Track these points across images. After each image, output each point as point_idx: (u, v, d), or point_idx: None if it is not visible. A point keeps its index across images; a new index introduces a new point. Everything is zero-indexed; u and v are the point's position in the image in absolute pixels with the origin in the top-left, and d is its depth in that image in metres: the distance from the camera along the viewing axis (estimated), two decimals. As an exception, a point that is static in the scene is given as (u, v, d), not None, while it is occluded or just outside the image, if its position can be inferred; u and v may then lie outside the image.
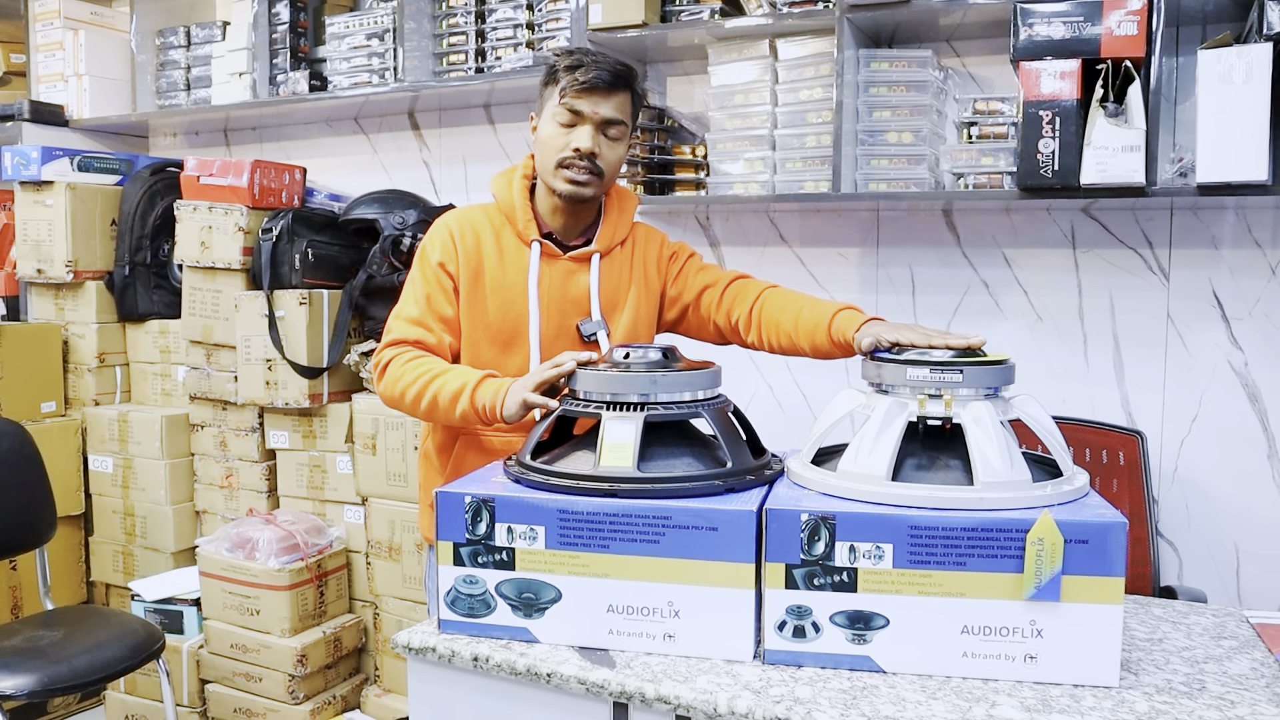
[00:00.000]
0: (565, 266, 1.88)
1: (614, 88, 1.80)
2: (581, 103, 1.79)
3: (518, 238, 1.88)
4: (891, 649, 1.31)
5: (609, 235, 1.92)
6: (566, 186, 1.82)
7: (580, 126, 1.80)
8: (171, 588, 3.07)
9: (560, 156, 1.81)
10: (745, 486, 1.44)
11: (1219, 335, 2.37)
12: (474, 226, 1.89)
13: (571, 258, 1.88)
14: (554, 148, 1.81)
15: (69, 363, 3.41)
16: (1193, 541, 2.43)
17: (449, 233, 1.88)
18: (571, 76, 1.78)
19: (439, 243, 1.88)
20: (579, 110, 1.79)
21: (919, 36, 2.56)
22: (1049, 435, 1.44)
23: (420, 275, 1.88)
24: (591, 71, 1.77)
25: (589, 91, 1.78)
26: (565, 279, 1.88)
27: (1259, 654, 1.43)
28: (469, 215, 1.91)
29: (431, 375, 1.75)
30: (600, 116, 1.80)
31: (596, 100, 1.79)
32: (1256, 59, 1.96)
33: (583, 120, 1.80)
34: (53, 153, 3.33)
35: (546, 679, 1.34)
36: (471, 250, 1.86)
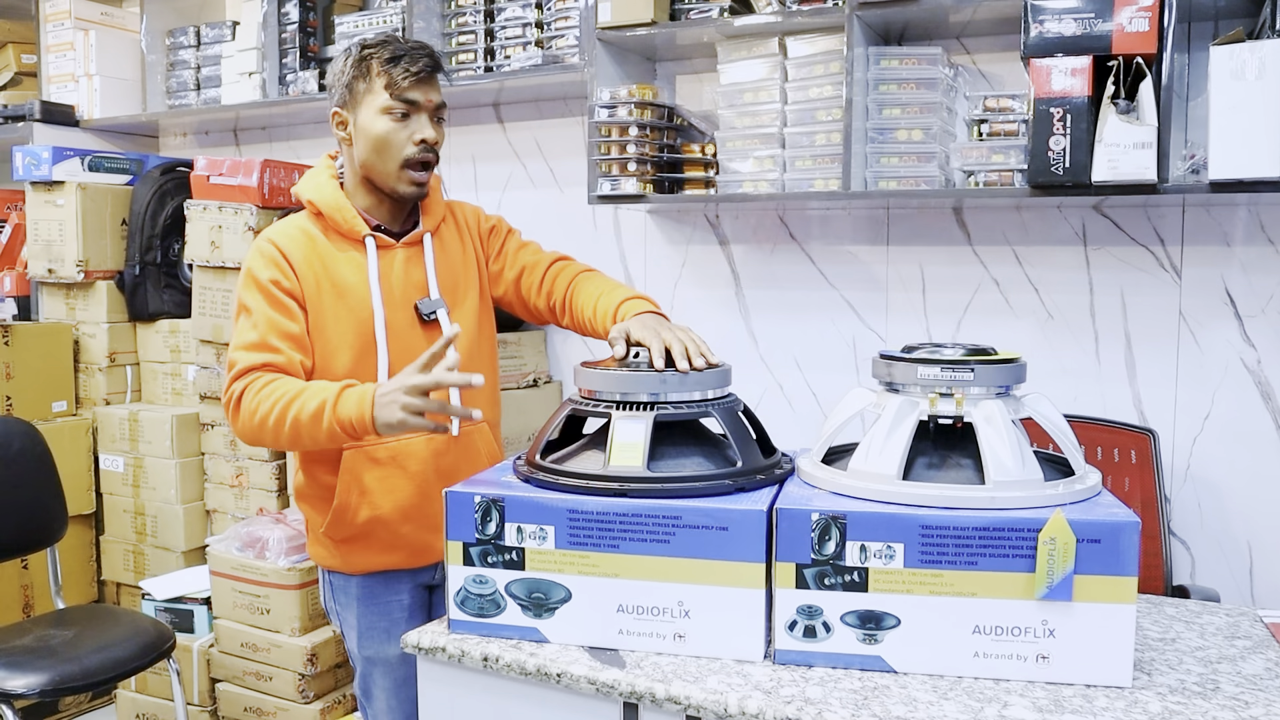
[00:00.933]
0: (401, 254, 1.85)
1: (435, 72, 1.80)
2: (415, 93, 1.76)
3: (345, 237, 1.82)
4: (903, 649, 1.31)
5: (434, 215, 1.90)
6: (410, 188, 1.79)
7: (416, 116, 1.77)
8: (182, 587, 3.07)
9: (406, 154, 1.77)
10: (755, 486, 1.43)
11: (1231, 332, 2.36)
12: (298, 238, 1.81)
13: (405, 244, 1.85)
14: (396, 144, 1.77)
15: (80, 362, 3.42)
16: (1205, 540, 2.41)
17: (275, 249, 1.78)
18: (401, 68, 1.75)
19: (267, 261, 1.77)
20: (414, 100, 1.76)
21: (929, 34, 2.55)
22: (1060, 434, 1.44)
23: (252, 299, 1.76)
24: (419, 60, 1.75)
25: (420, 81, 1.76)
26: (405, 266, 1.84)
27: (1273, 654, 1.42)
28: (286, 230, 1.83)
29: (288, 399, 1.63)
30: (433, 103, 1.79)
31: (427, 88, 1.78)
32: (1269, 55, 1.94)
33: (418, 110, 1.77)
34: (63, 153, 3.34)
35: (556, 679, 1.34)
36: (304, 261, 1.78)
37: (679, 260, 2.97)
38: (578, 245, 3.11)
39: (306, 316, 1.78)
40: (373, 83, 1.76)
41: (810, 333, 2.80)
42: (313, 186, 1.85)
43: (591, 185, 2.71)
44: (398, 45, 1.78)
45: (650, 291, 2.99)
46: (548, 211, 3.18)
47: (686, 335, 1.58)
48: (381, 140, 1.76)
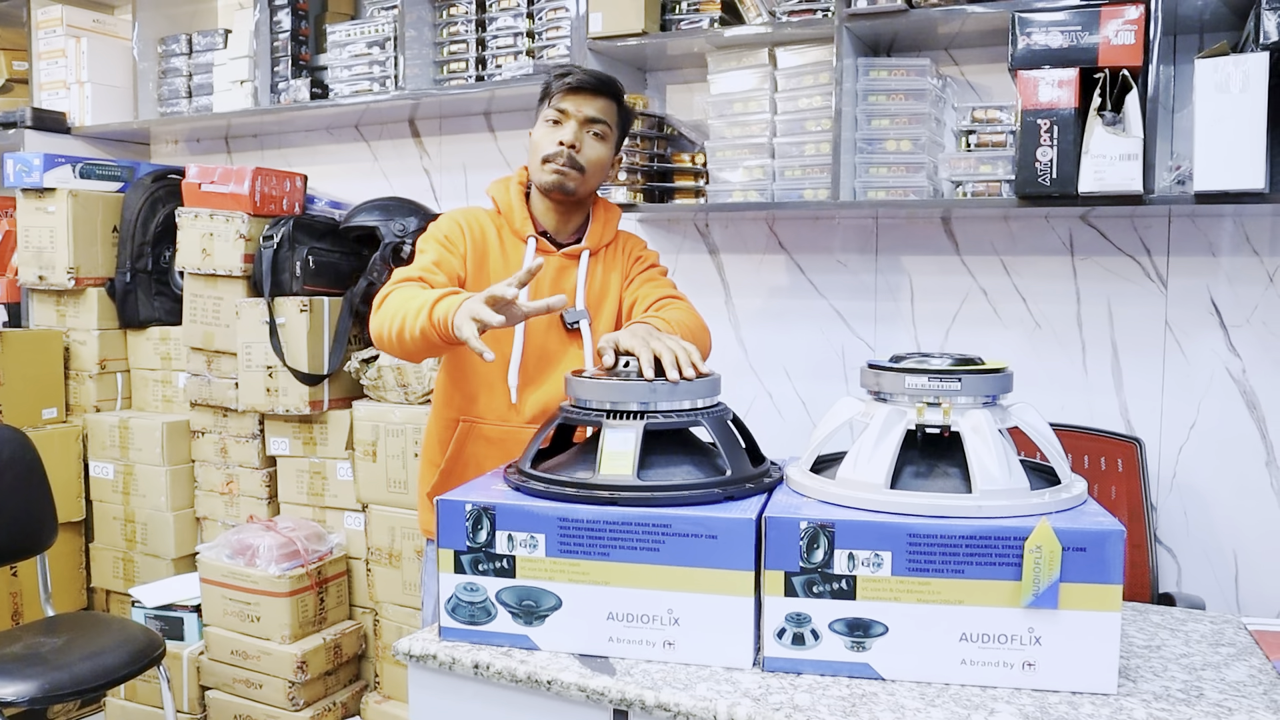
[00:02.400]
0: (557, 262, 2.00)
1: (598, 92, 1.97)
2: (566, 103, 1.95)
3: (514, 235, 2.00)
4: (890, 656, 1.32)
5: (598, 235, 2.05)
6: (550, 178, 1.95)
7: (565, 123, 1.95)
8: (172, 594, 3.07)
9: (546, 152, 1.94)
10: (744, 494, 1.44)
11: (1217, 342, 2.38)
12: (478, 220, 2.00)
13: (564, 254, 2.00)
14: (542, 145, 1.96)
15: (70, 369, 3.41)
16: (1191, 548, 2.43)
17: (456, 221, 1.99)
18: (560, 82, 1.96)
19: (447, 224, 1.98)
20: (564, 109, 1.95)
21: (918, 45, 2.57)
22: (1047, 443, 1.45)
23: (428, 246, 1.95)
24: (578, 76, 1.95)
25: (574, 92, 1.95)
26: (557, 273, 1.99)
27: (1257, 661, 1.43)
28: (472, 212, 2.03)
29: (409, 298, 1.75)
30: (584, 115, 1.95)
31: (580, 101, 1.95)
32: (1253, 68, 1.96)
33: (567, 118, 1.95)
34: (55, 160, 3.34)
35: (547, 686, 1.34)
36: (478, 239, 1.97)
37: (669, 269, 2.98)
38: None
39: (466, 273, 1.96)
40: (545, 103, 2.00)
41: (799, 342, 2.82)
42: (499, 186, 2.06)
43: (583, 194, 2.71)
44: (574, 67, 2.01)
45: (641, 300, 3.00)
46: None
47: (677, 344, 1.59)
48: (533, 142, 1.99)
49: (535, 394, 1.94)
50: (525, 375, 1.93)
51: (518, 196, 2.02)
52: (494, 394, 1.94)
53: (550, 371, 1.95)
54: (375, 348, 2.00)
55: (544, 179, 1.96)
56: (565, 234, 2.04)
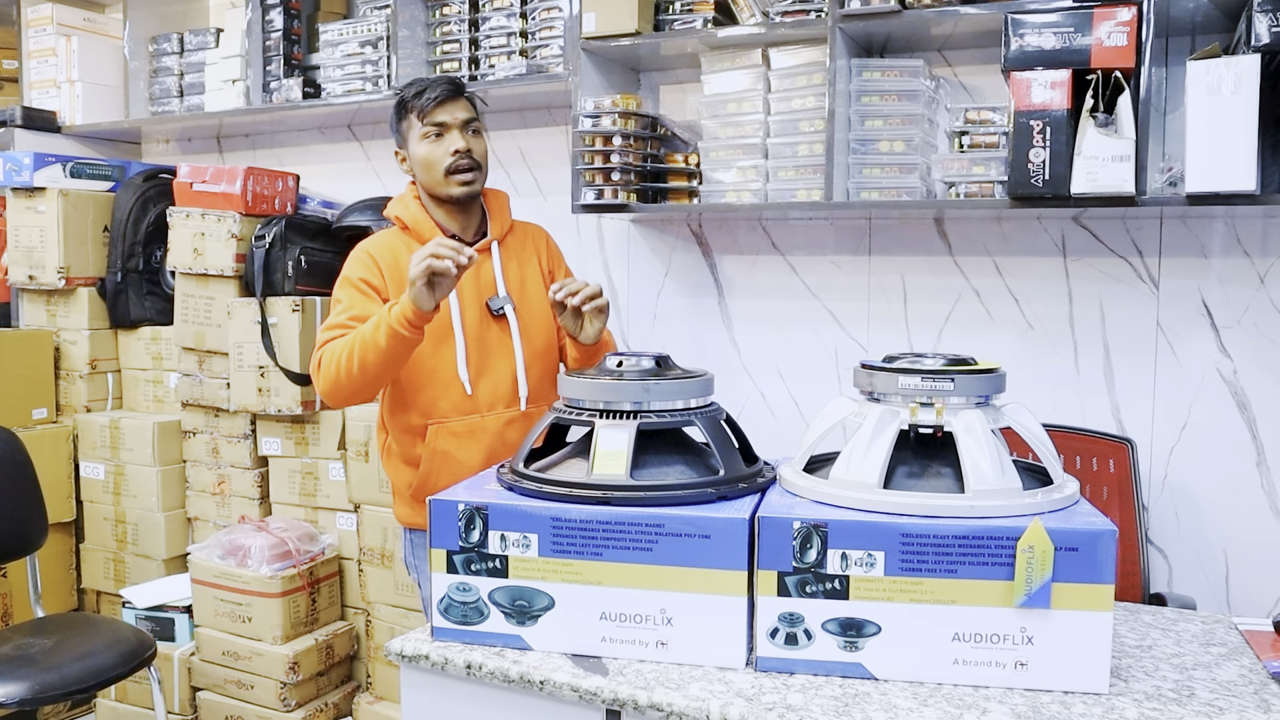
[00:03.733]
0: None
1: (458, 94, 2.10)
2: (441, 114, 2.06)
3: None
4: (883, 656, 1.32)
5: (499, 225, 2.19)
6: (460, 189, 2.08)
7: (448, 134, 2.07)
8: (163, 595, 3.06)
9: (446, 164, 2.06)
10: (738, 494, 1.44)
11: (1208, 343, 2.38)
12: (388, 247, 2.11)
13: (476, 249, 2.04)
14: (436, 160, 2.07)
15: (60, 369, 3.40)
16: (1182, 549, 2.44)
17: (367, 255, 2.10)
18: (425, 99, 2.06)
19: (358, 265, 2.09)
20: (442, 121, 2.07)
21: (911, 46, 2.57)
22: (1039, 443, 1.45)
23: (343, 294, 2.07)
24: (437, 88, 2.06)
25: (442, 104, 2.07)
26: (475, 271, 2.10)
27: (1247, 661, 1.44)
28: (379, 240, 2.14)
29: (351, 337, 1.94)
30: (459, 119, 2.08)
31: (451, 108, 2.08)
32: (1245, 70, 1.97)
33: (448, 129, 2.07)
34: (45, 159, 3.33)
35: (539, 686, 1.34)
36: (391, 265, 2.07)
37: (662, 270, 2.98)
38: (562, 254, 3.12)
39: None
40: (409, 118, 2.10)
41: (792, 342, 2.82)
42: (399, 205, 2.17)
43: (575, 194, 2.72)
44: (420, 82, 2.10)
45: (633, 301, 3.00)
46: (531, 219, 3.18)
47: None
48: (425, 160, 2.08)
49: (486, 382, 2.09)
50: (474, 368, 2.07)
51: (419, 209, 2.14)
52: (450, 392, 2.07)
53: (493, 359, 2.10)
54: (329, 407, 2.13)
55: (454, 190, 2.08)
56: (470, 232, 2.17)
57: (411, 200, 2.16)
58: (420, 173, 2.11)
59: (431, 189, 2.11)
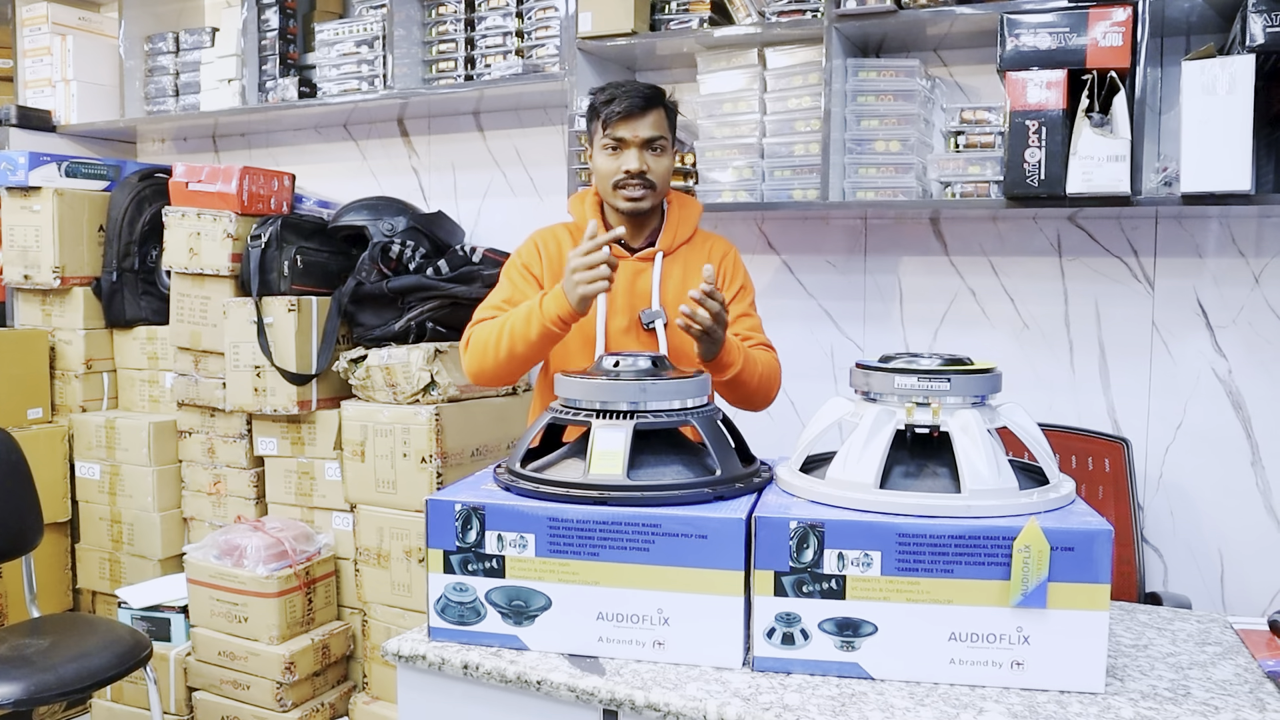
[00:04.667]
0: (633, 266, 2.09)
1: (647, 109, 2.03)
2: (621, 130, 2.02)
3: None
4: (880, 656, 1.32)
5: (671, 236, 2.13)
6: (626, 204, 2.06)
7: (626, 151, 2.03)
8: (159, 595, 3.05)
9: (614, 180, 2.04)
10: (734, 494, 1.44)
11: (1203, 343, 2.39)
12: (556, 238, 2.15)
13: (638, 258, 2.10)
14: (608, 174, 2.05)
15: (56, 369, 3.39)
16: (1177, 548, 2.44)
17: (534, 243, 2.15)
18: (609, 109, 2.02)
19: (526, 251, 2.15)
20: (621, 137, 2.03)
21: (906, 46, 2.57)
22: (1035, 443, 1.46)
23: (508, 280, 2.12)
24: (624, 101, 2.01)
25: (626, 119, 2.01)
26: (633, 278, 2.08)
27: (1243, 660, 1.44)
28: (552, 230, 2.19)
29: (501, 322, 1.97)
30: (641, 138, 2.03)
31: (634, 124, 2.02)
32: (1239, 70, 1.98)
33: (626, 145, 2.03)
34: (40, 158, 3.32)
35: (536, 686, 1.34)
36: (554, 256, 2.11)
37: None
38: (558, 253, 3.12)
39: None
40: (596, 124, 2.08)
41: (788, 342, 2.81)
42: (576, 201, 2.20)
43: (571, 193, 2.71)
44: (614, 88, 2.05)
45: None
46: (527, 219, 3.18)
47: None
48: (599, 172, 2.08)
49: None
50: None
51: (592, 208, 2.14)
52: None
53: None
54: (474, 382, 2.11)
55: (621, 205, 2.06)
56: (639, 239, 2.13)
57: (590, 198, 2.18)
58: (596, 180, 2.11)
59: (603, 198, 2.11)
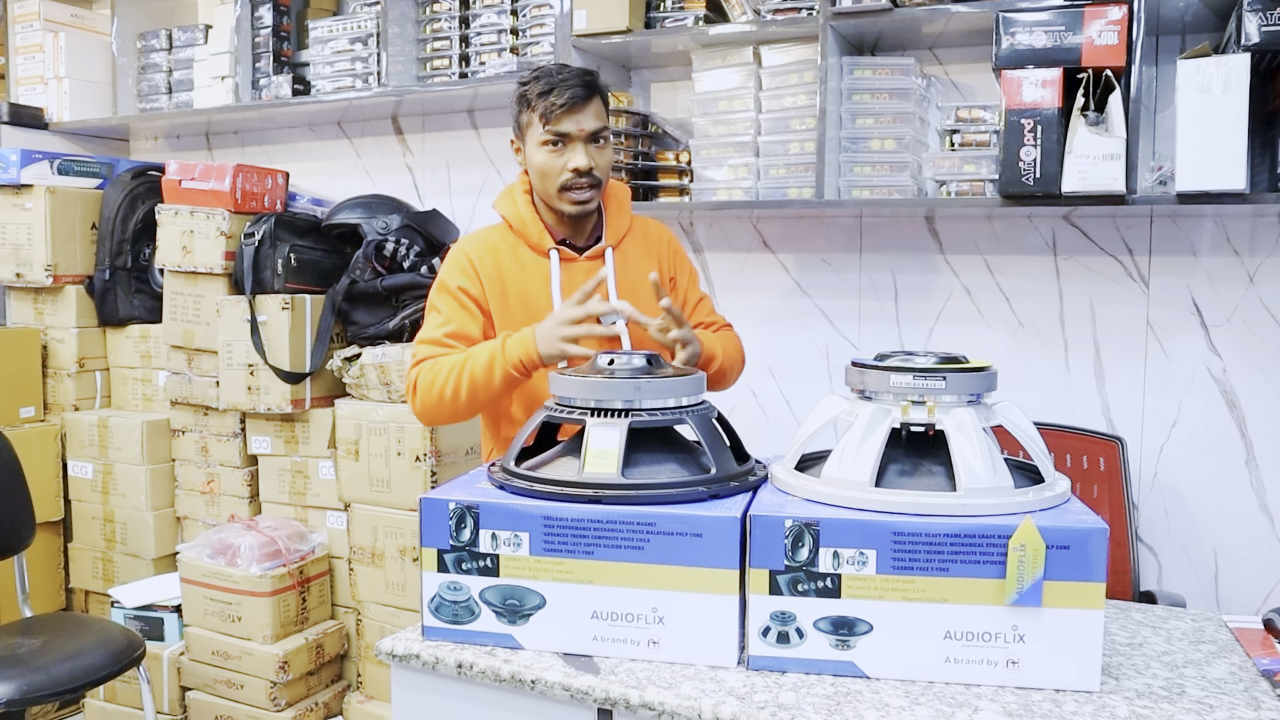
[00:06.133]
0: (583, 267, 1.97)
1: (589, 99, 1.88)
2: (565, 124, 1.86)
3: (533, 249, 1.97)
4: (875, 654, 1.32)
5: (615, 228, 2.01)
6: (574, 208, 1.91)
7: (570, 146, 1.88)
8: (152, 594, 3.04)
9: (561, 180, 1.89)
10: (729, 493, 1.44)
11: (1198, 342, 2.39)
12: (490, 248, 1.96)
13: (588, 257, 1.98)
14: (552, 173, 1.89)
15: (48, 368, 3.38)
16: (1172, 546, 2.44)
17: (466, 258, 1.95)
18: (548, 101, 1.85)
19: (456, 269, 1.95)
20: (565, 131, 1.87)
21: (902, 44, 2.57)
22: (1031, 441, 1.45)
23: (440, 302, 1.95)
24: (565, 91, 1.84)
25: (569, 111, 1.86)
26: (586, 277, 1.93)
27: (1237, 658, 1.44)
28: (482, 239, 1.99)
29: (459, 364, 1.83)
30: (585, 131, 1.88)
31: (577, 117, 1.87)
32: (1234, 69, 1.98)
33: (570, 140, 1.88)
34: (32, 156, 3.30)
35: (531, 686, 1.34)
36: (492, 271, 1.94)
37: (654, 267, 2.97)
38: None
39: (490, 322, 1.95)
40: (531, 116, 1.89)
41: (783, 340, 2.82)
42: (507, 202, 2.01)
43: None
44: (550, 77, 1.88)
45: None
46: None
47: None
48: (540, 170, 1.91)
49: None
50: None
51: (528, 209, 1.98)
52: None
53: None
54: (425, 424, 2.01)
55: (567, 208, 1.92)
56: (583, 236, 2.01)
57: (521, 196, 2.00)
58: (534, 178, 1.95)
59: (543, 198, 1.96)
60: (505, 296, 1.95)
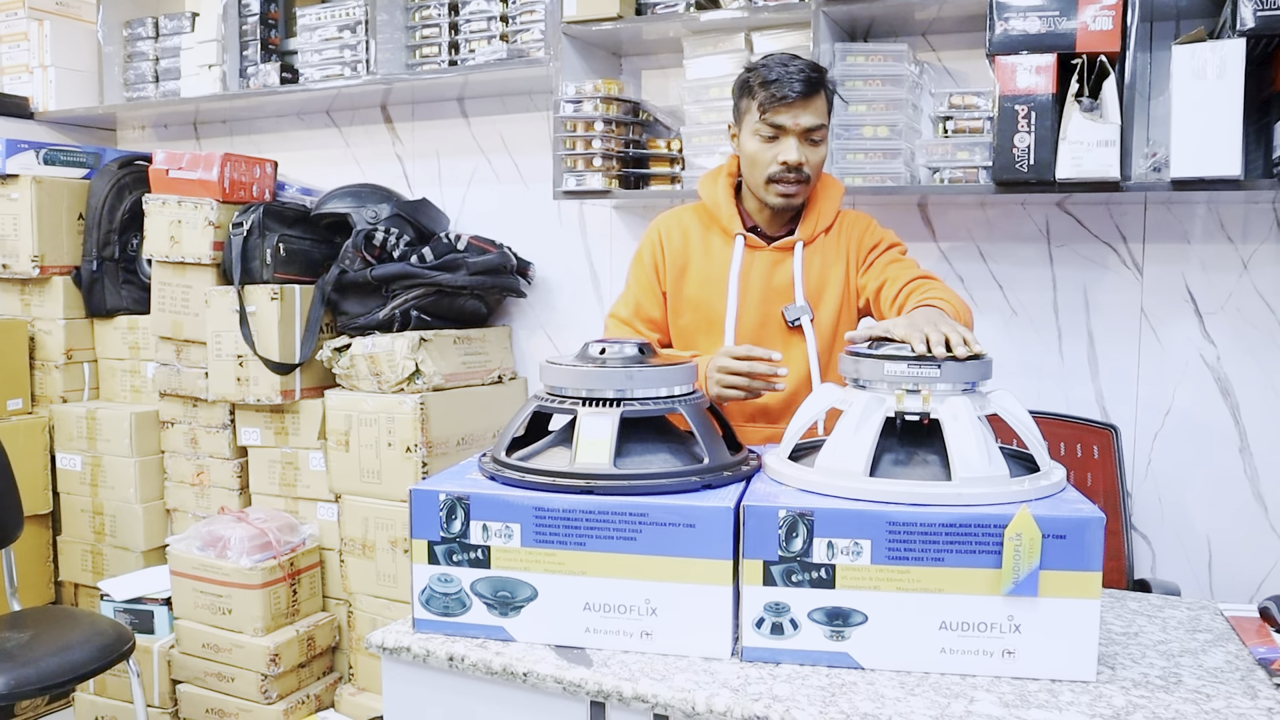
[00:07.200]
0: (770, 257, 1.95)
1: (811, 96, 1.84)
2: (782, 117, 1.83)
3: (723, 233, 1.96)
4: (870, 645, 1.31)
5: (812, 224, 1.96)
6: (779, 200, 1.89)
7: (784, 139, 1.85)
8: (142, 587, 3.03)
9: (769, 172, 1.86)
10: (723, 483, 1.43)
11: (1191, 329, 2.38)
12: (682, 226, 2.00)
13: (776, 248, 1.95)
14: (761, 163, 1.87)
15: (35, 359, 3.35)
16: (1166, 534, 2.44)
17: (658, 234, 2.01)
18: (768, 92, 1.82)
19: (649, 245, 2.01)
20: (780, 124, 1.84)
21: (895, 30, 2.55)
22: (1026, 430, 1.44)
23: (634, 278, 2.03)
24: (786, 86, 1.81)
25: (789, 105, 1.82)
26: (770, 269, 1.93)
27: (1233, 647, 1.43)
28: (679, 215, 2.02)
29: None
30: (801, 127, 1.84)
31: (796, 112, 1.83)
32: (1229, 55, 1.97)
33: (785, 133, 1.85)
34: (18, 145, 3.27)
35: (523, 678, 1.33)
36: (678, 248, 1.97)
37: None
38: (542, 241, 3.10)
39: (666, 302, 2.01)
40: (750, 103, 1.87)
41: (777, 329, 2.80)
42: (709, 183, 2.01)
43: (557, 180, 2.69)
44: (773, 66, 1.84)
45: (615, 288, 2.98)
46: (512, 206, 3.16)
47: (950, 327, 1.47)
48: (750, 158, 1.89)
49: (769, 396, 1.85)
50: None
51: (725, 193, 1.97)
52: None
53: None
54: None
55: (771, 200, 1.90)
56: (778, 226, 1.97)
57: (724, 180, 1.99)
58: (744, 165, 1.92)
59: (750, 186, 1.93)
60: (684, 274, 1.97)
